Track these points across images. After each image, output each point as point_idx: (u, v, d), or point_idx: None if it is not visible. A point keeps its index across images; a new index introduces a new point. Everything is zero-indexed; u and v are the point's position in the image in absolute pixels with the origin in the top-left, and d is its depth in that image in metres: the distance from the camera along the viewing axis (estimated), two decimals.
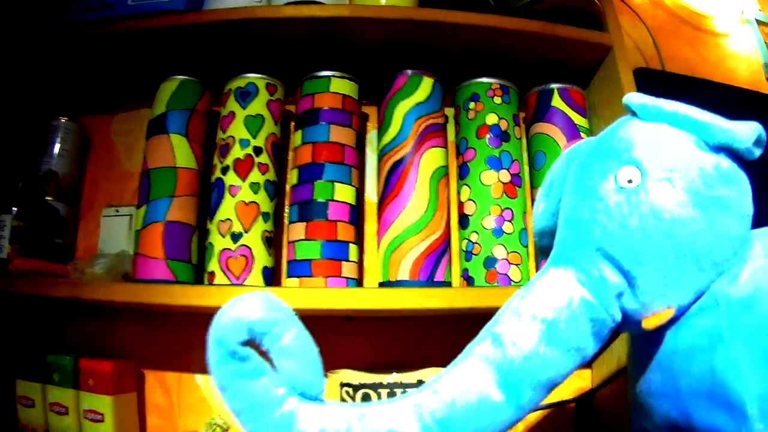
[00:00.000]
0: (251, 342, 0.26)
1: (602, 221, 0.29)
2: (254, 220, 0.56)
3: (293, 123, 0.62)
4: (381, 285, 0.56)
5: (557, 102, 0.62)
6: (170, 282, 0.55)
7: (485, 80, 0.61)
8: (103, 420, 0.54)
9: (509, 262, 0.55)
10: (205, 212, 0.58)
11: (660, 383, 0.31)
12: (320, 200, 0.56)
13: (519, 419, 0.27)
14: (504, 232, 0.56)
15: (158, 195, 0.56)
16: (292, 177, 0.58)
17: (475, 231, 0.57)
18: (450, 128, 0.66)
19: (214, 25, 0.57)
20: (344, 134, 0.58)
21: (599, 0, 0.62)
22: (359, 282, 0.60)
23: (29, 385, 0.57)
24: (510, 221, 0.57)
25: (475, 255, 0.56)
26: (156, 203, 0.56)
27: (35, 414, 0.57)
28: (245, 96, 0.59)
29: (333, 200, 0.56)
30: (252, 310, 0.26)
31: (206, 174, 0.60)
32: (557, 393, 0.32)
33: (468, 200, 0.58)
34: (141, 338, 0.65)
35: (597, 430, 0.59)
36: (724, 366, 0.27)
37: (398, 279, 0.54)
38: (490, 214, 0.57)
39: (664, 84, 0.75)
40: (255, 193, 0.56)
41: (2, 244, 0.59)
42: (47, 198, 0.65)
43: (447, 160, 0.60)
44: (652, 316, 0.29)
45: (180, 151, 0.58)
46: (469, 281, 0.57)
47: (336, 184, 0.56)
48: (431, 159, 0.58)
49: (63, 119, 0.68)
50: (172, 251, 0.55)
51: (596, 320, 0.28)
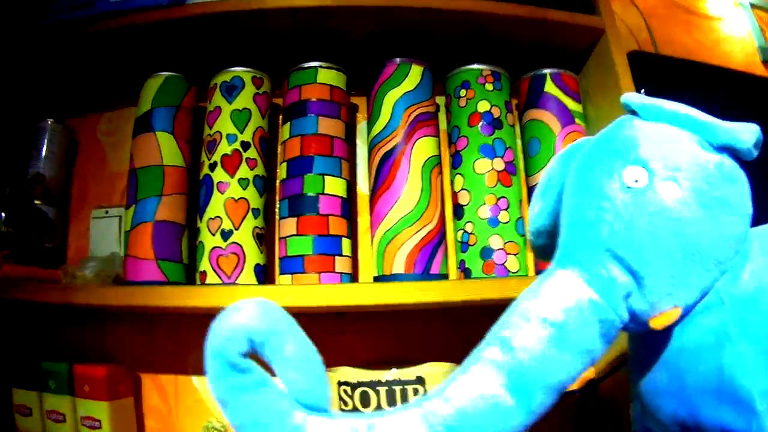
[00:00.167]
0: (251, 353, 0.25)
1: (610, 221, 0.29)
2: (244, 217, 0.55)
3: (281, 116, 0.61)
4: (376, 279, 0.55)
5: (550, 87, 0.61)
6: (161, 283, 0.54)
7: (476, 67, 0.60)
8: (101, 426, 0.54)
9: (506, 252, 0.54)
10: (195, 210, 0.57)
11: (667, 382, 0.31)
12: (311, 194, 0.55)
13: (529, 424, 0.27)
14: (500, 222, 0.55)
15: (146, 194, 0.55)
16: (282, 171, 0.57)
17: (470, 221, 0.56)
18: (441, 117, 0.66)
19: (200, 19, 0.57)
20: (333, 126, 0.57)
21: None
22: (354, 277, 0.59)
23: (26, 394, 0.57)
24: (506, 210, 0.56)
25: (471, 246, 0.55)
26: (144, 203, 0.55)
27: (33, 422, 0.56)
28: (231, 90, 0.58)
29: (324, 194, 0.55)
30: (251, 319, 0.25)
31: (194, 171, 0.59)
32: None
33: (462, 190, 0.57)
34: (136, 341, 0.64)
35: (601, 419, 0.59)
36: (732, 363, 0.27)
37: (393, 273, 0.53)
38: (485, 204, 0.56)
39: (659, 68, 0.74)
40: (244, 189, 0.55)
41: None
42: (35, 202, 0.64)
43: (439, 150, 0.59)
44: (660, 316, 0.29)
45: (167, 149, 0.57)
46: (467, 273, 0.56)
47: (326, 177, 0.55)
48: (423, 148, 0.56)
49: (49, 121, 0.67)
50: (163, 251, 0.55)
51: (605, 321, 0.28)
